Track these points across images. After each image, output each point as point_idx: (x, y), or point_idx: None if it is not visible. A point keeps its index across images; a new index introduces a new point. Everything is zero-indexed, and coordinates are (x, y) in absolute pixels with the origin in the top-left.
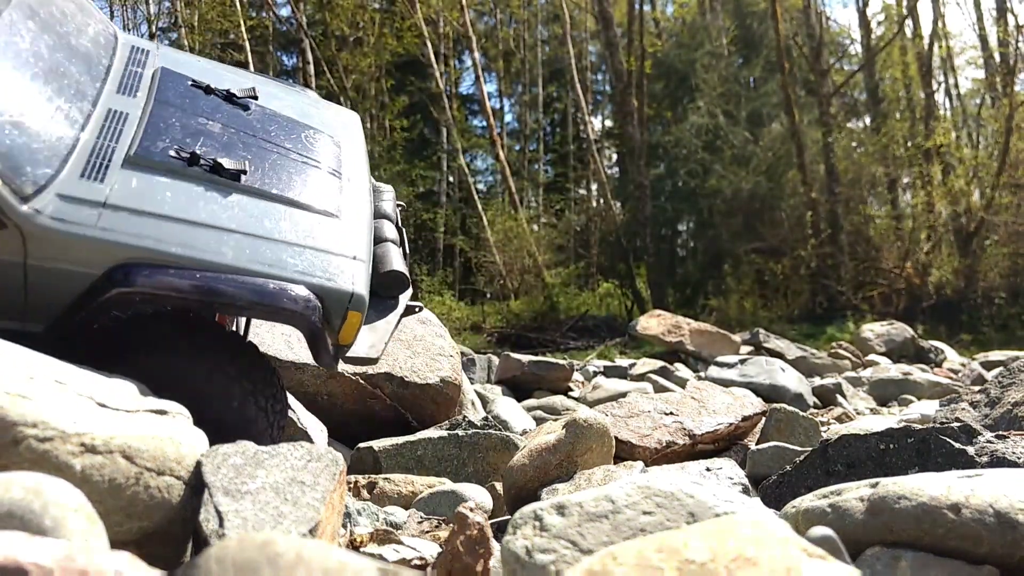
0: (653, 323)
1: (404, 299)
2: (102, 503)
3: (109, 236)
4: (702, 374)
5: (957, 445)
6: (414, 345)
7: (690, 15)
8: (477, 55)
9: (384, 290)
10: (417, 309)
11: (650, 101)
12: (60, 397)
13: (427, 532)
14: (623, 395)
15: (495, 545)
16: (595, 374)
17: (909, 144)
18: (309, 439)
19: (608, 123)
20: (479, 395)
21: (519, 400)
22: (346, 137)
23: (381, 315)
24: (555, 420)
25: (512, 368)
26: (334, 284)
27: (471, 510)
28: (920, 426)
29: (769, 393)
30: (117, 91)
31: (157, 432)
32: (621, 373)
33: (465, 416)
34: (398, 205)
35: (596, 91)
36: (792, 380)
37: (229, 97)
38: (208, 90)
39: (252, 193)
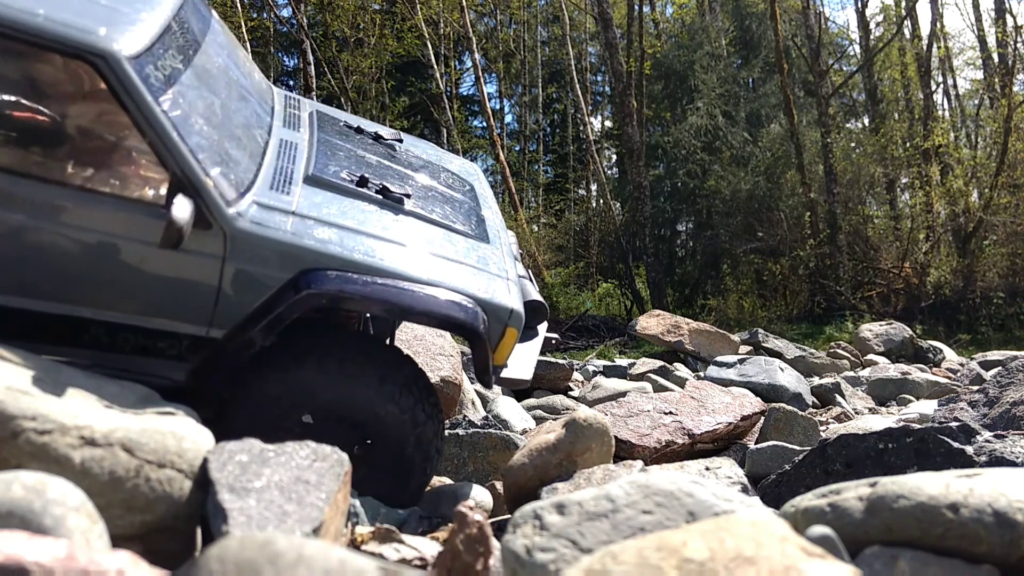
0: (652, 323)
1: (542, 330)
2: (103, 496)
3: (300, 241)
4: (701, 374)
5: (956, 444)
6: (414, 345)
7: (689, 16)
8: (477, 56)
9: (526, 320)
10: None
11: (649, 102)
12: (63, 395)
13: (427, 531)
14: (623, 394)
15: (495, 544)
16: (595, 373)
17: (908, 145)
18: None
19: (608, 124)
20: (479, 394)
21: (519, 399)
22: (475, 180)
23: (525, 341)
24: (555, 419)
25: None
26: (495, 300)
27: (471, 509)
28: (919, 426)
29: (768, 392)
30: (284, 126)
31: (158, 426)
32: (621, 373)
33: (465, 415)
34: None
35: (596, 92)
36: (791, 380)
37: (377, 138)
38: (359, 130)
39: (414, 216)
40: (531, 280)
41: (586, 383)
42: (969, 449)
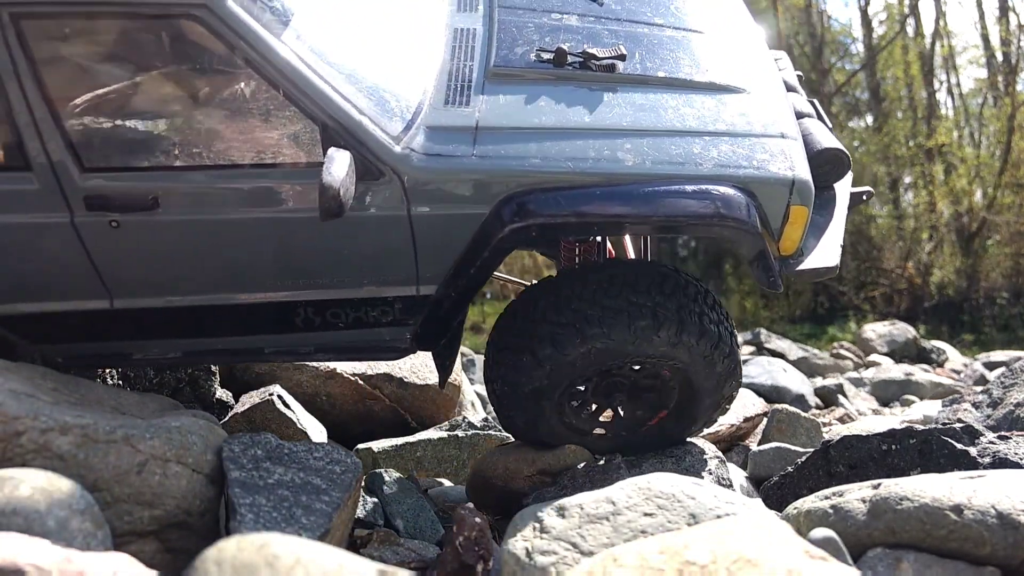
0: None
1: (843, 188)
2: (109, 491)
3: (490, 165)
4: None
5: (959, 446)
6: None
7: None
8: None
9: (818, 178)
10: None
11: None
12: (72, 401)
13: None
14: None
15: (495, 546)
16: None
17: (911, 143)
18: (309, 440)
19: None
20: (479, 396)
21: None
22: (707, 5)
23: (821, 212)
24: None
25: None
26: (766, 173)
27: (470, 511)
28: (922, 427)
29: (770, 394)
30: (457, 10)
31: (163, 422)
32: None
33: (465, 417)
34: (796, 74)
35: None
36: (794, 380)
37: None
38: None
39: (635, 82)
40: (820, 116)
41: None
42: (973, 450)
